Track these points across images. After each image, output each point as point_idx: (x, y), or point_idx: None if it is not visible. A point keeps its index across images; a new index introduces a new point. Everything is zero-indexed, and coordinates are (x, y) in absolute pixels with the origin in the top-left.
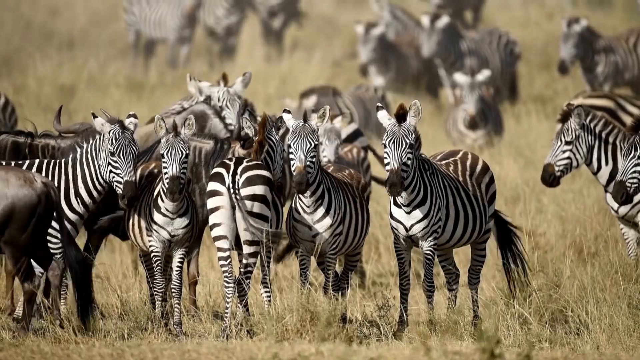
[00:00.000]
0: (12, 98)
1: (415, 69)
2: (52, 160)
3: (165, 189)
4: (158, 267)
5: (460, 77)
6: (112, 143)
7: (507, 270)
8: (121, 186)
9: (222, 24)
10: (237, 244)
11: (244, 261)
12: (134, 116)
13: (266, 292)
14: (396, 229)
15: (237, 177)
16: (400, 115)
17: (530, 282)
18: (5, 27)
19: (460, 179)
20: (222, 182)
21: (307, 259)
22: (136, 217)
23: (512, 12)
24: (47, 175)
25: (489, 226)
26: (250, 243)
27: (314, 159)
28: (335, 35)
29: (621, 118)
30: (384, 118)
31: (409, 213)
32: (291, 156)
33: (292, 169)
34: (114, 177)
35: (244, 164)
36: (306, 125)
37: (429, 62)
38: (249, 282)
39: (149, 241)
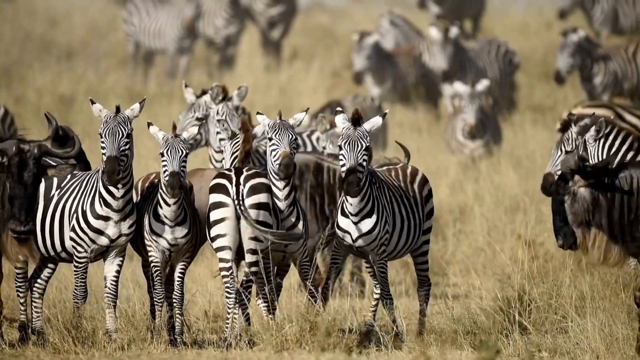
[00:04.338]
0: (11, 109)
1: (414, 78)
2: None
3: (164, 187)
4: (158, 278)
5: (460, 87)
6: (102, 126)
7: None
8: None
9: (221, 34)
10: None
11: (246, 269)
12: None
13: (263, 302)
14: (342, 239)
15: (241, 187)
16: (356, 120)
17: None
18: (5, 38)
19: (402, 185)
20: (227, 193)
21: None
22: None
23: (511, 22)
24: None
25: (426, 238)
26: (253, 252)
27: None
28: (334, 45)
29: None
30: (340, 121)
31: (356, 224)
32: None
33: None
34: (103, 158)
35: (245, 173)
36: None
37: (427, 71)
38: (250, 293)
39: (149, 251)
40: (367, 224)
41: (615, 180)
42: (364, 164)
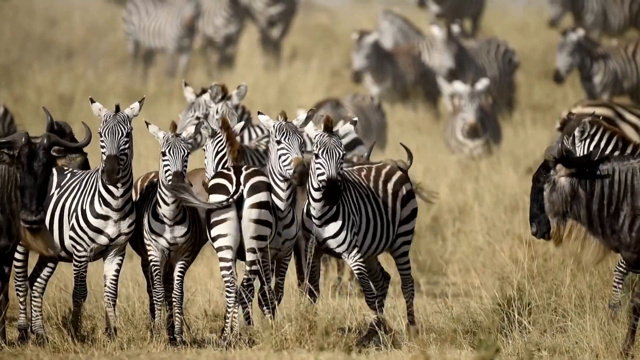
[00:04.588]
0: (11, 108)
1: (413, 77)
2: None
3: (165, 187)
4: (157, 277)
5: (459, 86)
6: (101, 125)
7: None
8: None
9: (221, 33)
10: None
11: (247, 268)
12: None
13: (263, 298)
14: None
15: (241, 186)
16: (329, 127)
17: None
18: (4, 37)
19: (372, 184)
20: (227, 193)
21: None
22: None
23: (510, 21)
24: None
25: (406, 239)
26: (254, 251)
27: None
28: (333, 44)
29: (620, 127)
30: (310, 129)
31: (320, 227)
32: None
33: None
34: (103, 157)
35: (244, 172)
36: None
37: (427, 70)
38: (251, 291)
39: (149, 250)
40: (332, 228)
41: (597, 172)
42: (341, 171)
